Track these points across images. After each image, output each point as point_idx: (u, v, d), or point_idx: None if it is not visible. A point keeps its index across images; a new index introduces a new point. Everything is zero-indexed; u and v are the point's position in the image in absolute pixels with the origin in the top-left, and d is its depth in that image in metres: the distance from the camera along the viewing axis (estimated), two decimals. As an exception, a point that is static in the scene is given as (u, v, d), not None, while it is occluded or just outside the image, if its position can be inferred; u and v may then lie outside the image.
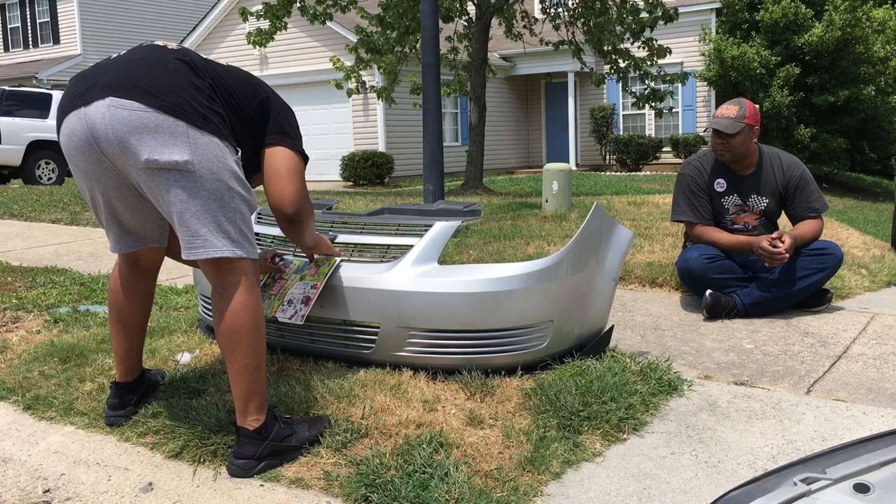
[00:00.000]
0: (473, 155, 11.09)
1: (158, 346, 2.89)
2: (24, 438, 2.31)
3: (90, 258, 5.09)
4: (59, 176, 13.27)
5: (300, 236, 2.30)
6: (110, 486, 2.01)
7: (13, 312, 3.54)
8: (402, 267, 2.50)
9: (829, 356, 2.90)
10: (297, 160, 2.19)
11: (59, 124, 2.01)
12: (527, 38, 13.29)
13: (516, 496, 1.86)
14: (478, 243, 4.70)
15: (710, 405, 2.41)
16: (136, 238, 2.20)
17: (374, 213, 3.05)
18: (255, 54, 17.36)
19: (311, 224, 2.30)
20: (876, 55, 15.29)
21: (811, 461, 0.96)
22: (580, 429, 2.19)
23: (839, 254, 3.47)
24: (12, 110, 12.67)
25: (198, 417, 2.24)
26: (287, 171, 2.16)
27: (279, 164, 2.16)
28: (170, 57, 2.00)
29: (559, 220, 5.73)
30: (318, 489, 1.94)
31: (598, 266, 2.63)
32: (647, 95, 12.20)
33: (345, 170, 15.99)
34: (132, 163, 1.90)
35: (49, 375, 2.69)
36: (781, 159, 3.65)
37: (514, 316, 2.45)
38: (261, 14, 11.05)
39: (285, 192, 2.16)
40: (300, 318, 2.46)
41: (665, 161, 18.19)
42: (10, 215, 7.29)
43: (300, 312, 2.47)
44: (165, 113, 1.88)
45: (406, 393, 2.38)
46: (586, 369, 2.49)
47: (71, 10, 22.25)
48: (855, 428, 2.22)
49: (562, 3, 12.57)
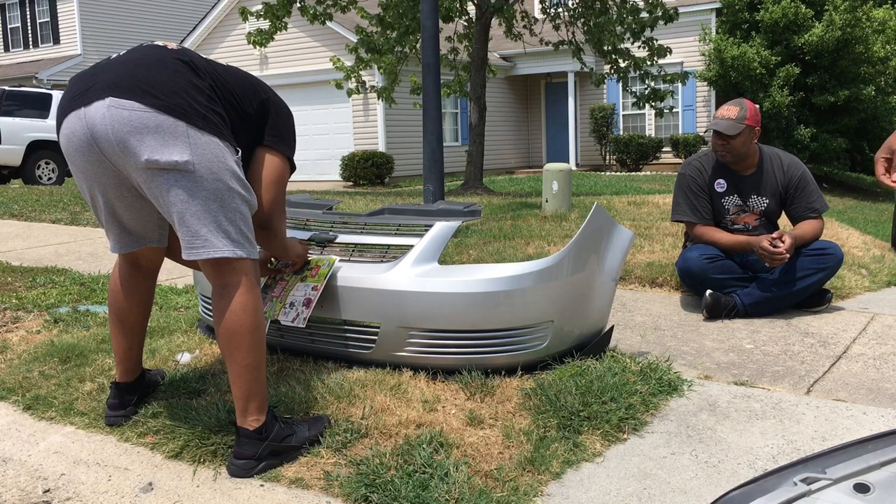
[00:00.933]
0: (473, 155, 11.09)
1: (158, 346, 2.89)
2: (24, 438, 2.31)
3: (90, 258, 5.09)
4: (59, 176, 13.27)
5: (269, 242, 2.34)
6: (110, 486, 2.01)
7: (13, 312, 3.54)
8: (402, 267, 2.50)
9: (829, 356, 2.90)
10: (283, 168, 2.23)
11: (59, 125, 2.01)
12: (527, 38, 13.29)
13: (516, 496, 1.86)
14: (478, 243, 4.70)
15: (710, 405, 2.41)
16: (136, 238, 2.20)
17: (375, 214, 3.05)
18: (255, 54, 17.35)
19: (282, 231, 2.33)
20: (876, 55, 15.29)
21: (811, 461, 0.96)
22: (580, 429, 2.19)
23: (839, 254, 3.47)
24: (12, 110, 12.67)
25: (198, 417, 2.24)
26: (271, 178, 2.21)
27: (265, 170, 2.20)
28: (169, 57, 2.00)
29: (559, 220, 5.73)
30: (318, 489, 1.94)
31: (598, 266, 2.63)
32: (647, 95, 12.20)
33: (345, 170, 15.99)
34: (132, 163, 1.90)
35: (49, 375, 2.69)
36: (782, 159, 3.65)
37: (514, 316, 2.45)
38: (261, 14, 11.05)
39: (263, 198, 2.20)
40: (302, 320, 2.47)
41: (665, 161, 18.19)
42: (10, 215, 7.29)
43: (302, 315, 2.48)
44: (165, 113, 1.88)
45: (406, 393, 2.38)
46: (586, 369, 2.49)
47: (71, 10, 22.25)
48: (855, 428, 2.22)
49: (562, 3, 12.57)
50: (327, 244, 2.78)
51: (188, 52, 2.07)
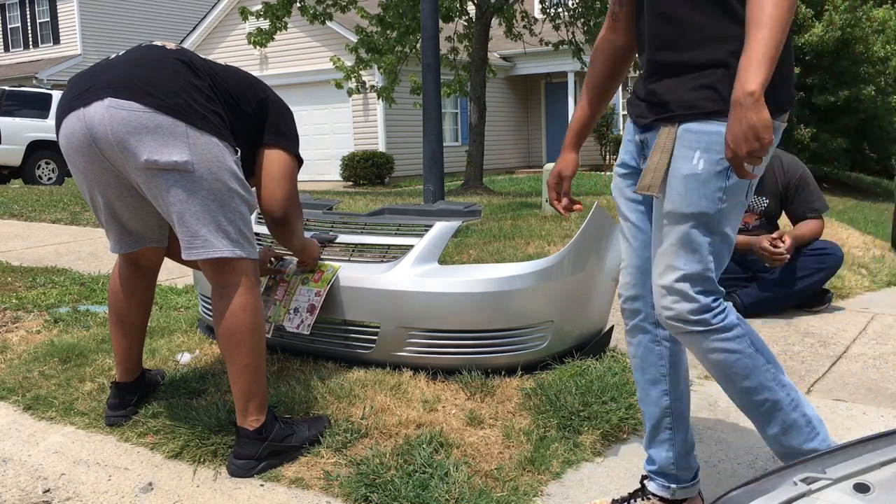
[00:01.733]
0: (473, 155, 11.09)
1: (158, 346, 2.89)
2: (24, 438, 2.31)
3: (90, 258, 5.09)
4: (59, 176, 13.27)
5: (287, 239, 2.32)
6: (110, 485, 2.01)
7: (13, 312, 3.54)
8: (402, 267, 2.50)
9: (829, 356, 2.90)
10: (291, 163, 2.22)
11: (58, 125, 2.01)
12: (527, 38, 13.29)
13: (516, 496, 1.86)
14: (478, 243, 4.70)
15: (710, 405, 2.41)
16: (136, 238, 2.20)
17: (375, 214, 3.05)
18: (255, 54, 17.35)
19: (299, 228, 2.32)
20: (876, 55, 15.28)
21: (811, 461, 0.96)
22: (580, 429, 2.19)
23: (839, 254, 3.47)
24: (12, 110, 12.67)
25: (198, 417, 2.24)
26: (280, 174, 2.19)
27: (273, 167, 2.18)
28: (168, 57, 2.00)
29: (559, 220, 5.73)
30: (318, 489, 1.94)
31: (598, 266, 2.63)
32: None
33: (345, 170, 15.99)
34: (131, 163, 1.90)
35: (49, 375, 2.69)
36: (782, 160, 3.65)
37: (514, 316, 2.45)
38: (261, 14, 11.05)
39: (276, 194, 2.18)
40: (307, 327, 2.48)
41: (665, 161, 18.17)
42: (10, 215, 7.29)
43: (306, 322, 2.49)
44: (165, 113, 1.88)
45: (406, 393, 2.38)
46: (586, 369, 2.49)
47: (71, 10, 22.25)
48: (855, 428, 2.22)
49: (562, 3, 12.57)
50: (328, 244, 2.78)
51: (187, 52, 2.07)
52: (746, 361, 1.54)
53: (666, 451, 1.74)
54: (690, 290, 1.51)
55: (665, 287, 1.54)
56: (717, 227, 1.51)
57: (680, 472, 1.75)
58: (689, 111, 1.48)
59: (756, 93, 1.30)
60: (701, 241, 1.50)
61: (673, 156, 1.51)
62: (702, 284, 1.52)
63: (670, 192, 1.51)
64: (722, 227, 1.51)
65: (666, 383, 1.75)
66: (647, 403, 1.77)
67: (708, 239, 1.51)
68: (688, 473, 1.76)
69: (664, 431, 1.74)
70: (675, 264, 1.52)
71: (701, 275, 1.52)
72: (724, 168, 1.47)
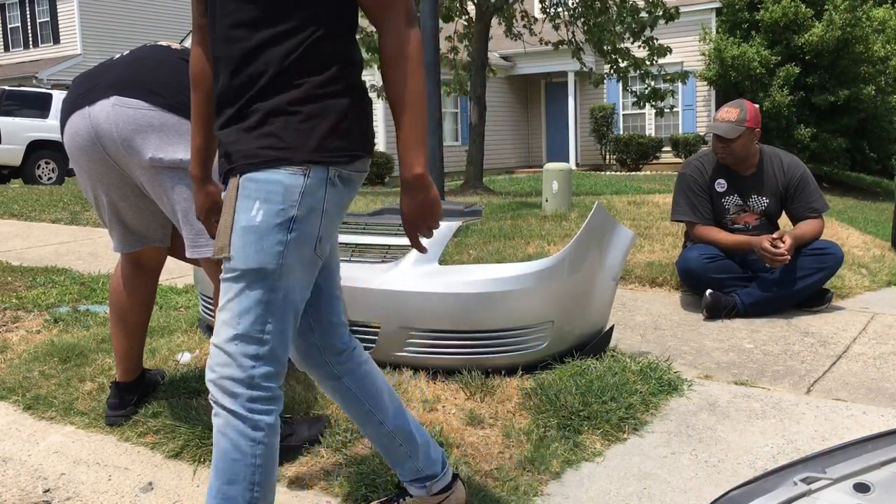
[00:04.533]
0: (473, 155, 11.09)
1: (158, 346, 2.89)
2: (24, 438, 2.31)
3: (90, 258, 5.09)
4: (59, 176, 13.27)
5: None
6: (110, 485, 2.02)
7: (13, 312, 3.54)
8: (402, 267, 2.51)
9: (830, 356, 2.91)
10: None
11: (63, 124, 2.02)
12: (527, 38, 13.29)
13: (516, 496, 1.86)
14: (478, 243, 4.70)
15: (710, 405, 2.41)
16: (138, 238, 2.20)
17: (375, 214, 3.05)
18: (255, 54, 17.32)
19: None
20: (876, 55, 15.28)
21: (811, 461, 0.96)
22: (580, 429, 2.19)
23: (839, 253, 3.47)
24: (12, 110, 12.67)
25: (198, 417, 2.24)
26: None
27: None
28: (173, 57, 2.01)
29: (559, 220, 5.73)
30: (318, 489, 1.94)
31: (598, 266, 2.63)
32: (647, 94, 12.19)
33: (345, 169, 15.97)
34: (136, 161, 1.90)
35: (49, 375, 2.69)
36: (782, 159, 3.65)
37: (514, 316, 2.45)
38: (261, 14, 11.03)
39: None
40: None
41: (665, 161, 18.18)
42: (10, 215, 7.29)
43: None
44: (170, 112, 1.89)
45: (406, 393, 2.38)
46: (586, 369, 2.49)
47: (71, 10, 22.24)
48: (855, 428, 2.22)
49: (562, 2, 12.57)
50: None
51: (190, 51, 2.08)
52: (243, 469, 1.37)
53: (410, 462, 1.70)
54: (240, 354, 1.37)
55: (217, 346, 1.38)
56: (278, 285, 1.37)
57: (427, 469, 1.71)
58: (250, 161, 1.37)
59: (423, 175, 1.40)
60: (260, 299, 1.36)
61: (235, 208, 1.38)
62: (255, 348, 1.37)
63: (232, 246, 1.37)
64: (284, 285, 1.37)
65: (374, 413, 1.66)
66: (371, 437, 1.69)
67: (267, 297, 1.37)
68: (435, 466, 1.72)
69: (399, 448, 1.69)
70: (231, 322, 1.37)
71: (255, 338, 1.37)
72: (287, 220, 1.35)
